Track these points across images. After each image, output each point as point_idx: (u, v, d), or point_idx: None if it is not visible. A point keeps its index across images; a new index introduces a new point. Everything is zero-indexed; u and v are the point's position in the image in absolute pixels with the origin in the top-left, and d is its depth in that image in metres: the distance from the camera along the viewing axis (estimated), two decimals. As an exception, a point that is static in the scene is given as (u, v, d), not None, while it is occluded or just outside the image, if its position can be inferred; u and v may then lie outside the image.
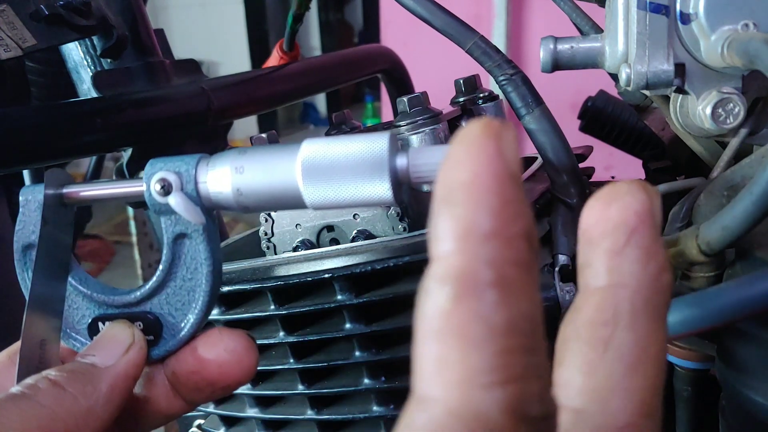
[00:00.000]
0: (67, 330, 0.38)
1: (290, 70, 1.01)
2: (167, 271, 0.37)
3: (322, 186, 0.33)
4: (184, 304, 0.37)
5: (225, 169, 0.34)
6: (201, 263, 0.36)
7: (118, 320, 0.37)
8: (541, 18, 2.65)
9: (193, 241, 0.36)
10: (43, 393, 0.31)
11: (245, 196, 0.34)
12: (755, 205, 0.36)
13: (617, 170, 0.83)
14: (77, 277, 0.38)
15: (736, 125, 0.48)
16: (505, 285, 0.23)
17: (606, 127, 0.84)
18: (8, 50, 0.61)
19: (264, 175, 0.33)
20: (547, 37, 0.53)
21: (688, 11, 0.48)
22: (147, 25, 0.81)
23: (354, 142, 0.32)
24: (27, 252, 0.37)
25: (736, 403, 0.46)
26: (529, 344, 0.23)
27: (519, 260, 0.23)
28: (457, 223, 0.23)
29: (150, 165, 0.35)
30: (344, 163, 0.32)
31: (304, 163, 0.33)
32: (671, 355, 0.57)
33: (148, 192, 0.35)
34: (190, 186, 0.34)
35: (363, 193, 0.32)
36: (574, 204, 0.57)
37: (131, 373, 0.35)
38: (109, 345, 0.35)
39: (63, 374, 0.32)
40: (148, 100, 0.74)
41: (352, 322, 0.52)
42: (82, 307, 0.38)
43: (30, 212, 0.37)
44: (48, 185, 0.36)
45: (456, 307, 0.22)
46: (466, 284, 0.22)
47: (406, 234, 0.54)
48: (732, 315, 0.36)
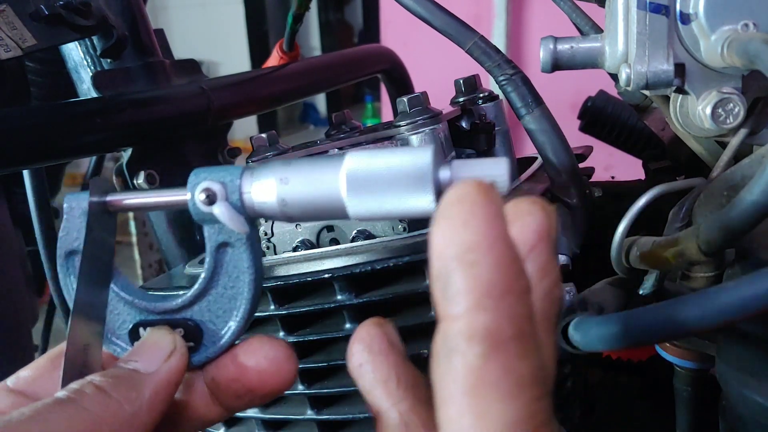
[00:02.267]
0: (109, 335, 0.38)
1: (290, 70, 1.01)
2: (209, 279, 0.37)
3: (365, 198, 0.33)
4: (225, 312, 0.37)
5: (270, 181, 0.34)
6: (243, 272, 0.37)
7: (159, 326, 0.37)
8: (541, 18, 2.65)
9: (236, 249, 0.36)
10: (89, 398, 0.31)
11: (290, 206, 0.34)
12: (755, 205, 0.36)
13: (617, 170, 0.83)
14: (119, 284, 0.38)
15: (736, 125, 0.48)
16: (524, 338, 0.25)
17: (606, 127, 0.84)
18: (8, 50, 0.61)
19: (308, 187, 0.34)
20: (547, 37, 0.53)
21: (688, 11, 0.48)
22: (147, 25, 0.81)
23: (398, 155, 0.33)
24: (70, 258, 0.38)
25: (736, 403, 0.46)
26: (546, 391, 0.25)
27: (530, 313, 0.25)
28: (477, 282, 0.25)
29: (194, 174, 0.35)
30: (388, 175, 0.32)
31: (349, 175, 0.33)
32: (671, 355, 0.57)
33: (192, 201, 0.35)
34: (234, 196, 0.35)
35: (406, 205, 0.33)
36: (574, 204, 0.57)
37: (173, 379, 0.35)
38: (151, 351, 0.35)
39: (108, 380, 0.33)
40: (148, 100, 0.74)
41: (352, 322, 0.52)
42: (123, 313, 0.38)
43: (74, 219, 0.37)
44: (93, 193, 0.37)
45: (488, 364, 0.24)
46: (494, 341, 0.24)
47: (406, 234, 0.54)
48: (732, 315, 0.36)
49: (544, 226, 0.29)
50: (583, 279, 0.55)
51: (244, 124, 2.32)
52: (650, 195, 0.49)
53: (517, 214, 0.29)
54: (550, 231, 0.29)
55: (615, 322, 0.42)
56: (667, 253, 0.44)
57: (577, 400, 0.65)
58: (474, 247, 0.25)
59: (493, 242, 0.25)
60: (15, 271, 0.93)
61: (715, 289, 0.37)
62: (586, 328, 0.45)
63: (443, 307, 0.25)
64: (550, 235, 0.29)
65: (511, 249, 0.26)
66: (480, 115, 0.65)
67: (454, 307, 0.25)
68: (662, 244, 0.45)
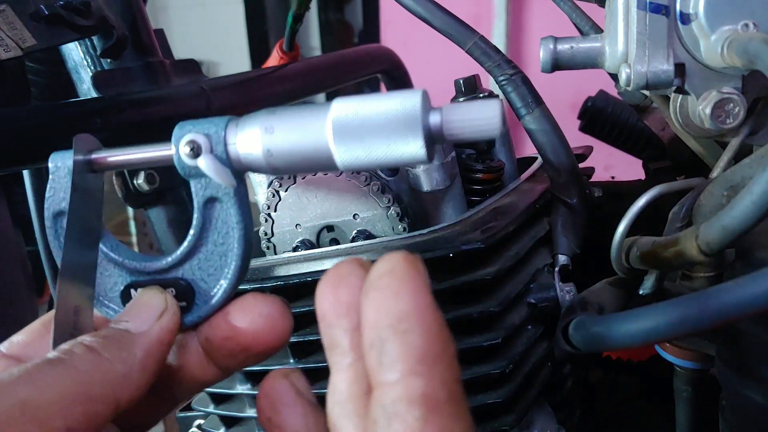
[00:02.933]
0: (100, 297, 0.38)
1: (290, 70, 1.01)
2: (198, 236, 0.36)
3: (353, 145, 0.32)
4: (217, 270, 0.36)
5: (255, 130, 0.33)
6: (233, 227, 0.35)
7: (150, 287, 0.36)
8: (541, 18, 2.65)
9: (224, 204, 0.35)
10: (80, 358, 0.31)
11: (275, 157, 0.33)
12: (755, 205, 0.36)
13: (617, 170, 0.83)
14: (108, 244, 0.37)
15: (736, 125, 0.48)
16: (457, 400, 0.27)
17: (606, 127, 0.84)
18: (8, 50, 0.61)
19: (294, 136, 0.32)
20: (547, 37, 0.53)
21: (688, 11, 0.48)
22: (147, 25, 0.81)
23: (386, 100, 0.32)
24: (57, 219, 0.37)
25: (736, 403, 0.46)
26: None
27: (458, 377, 0.27)
28: (411, 350, 0.26)
29: (178, 128, 0.35)
30: (376, 121, 0.32)
31: (335, 122, 0.32)
32: (671, 355, 0.57)
33: (177, 155, 0.34)
34: (219, 148, 0.34)
35: (395, 151, 0.32)
36: (574, 204, 0.57)
37: (165, 338, 0.34)
38: (143, 311, 0.35)
39: (98, 340, 0.32)
40: (148, 100, 0.74)
41: (352, 322, 0.52)
42: (114, 275, 0.37)
43: (60, 179, 0.36)
44: (77, 151, 0.36)
45: (427, 426, 0.25)
46: (431, 404, 0.26)
47: (406, 234, 0.54)
48: (732, 315, 0.36)
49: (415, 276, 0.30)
50: (583, 279, 0.55)
51: (244, 124, 2.31)
52: (650, 195, 0.49)
53: (341, 277, 0.30)
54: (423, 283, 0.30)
55: (614, 322, 0.42)
56: (667, 253, 0.44)
57: (577, 400, 0.65)
58: (406, 316, 0.27)
59: (423, 311, 0.27)
60: (15, 271, 0.93)
61: (715, 289, 0.37)
62: (586, 328, 0.45)
63: (379, 374, 0.27)
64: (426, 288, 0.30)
65: (439, 317, 0.27)
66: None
67: (390, 374, 0.26)
68: (662, 244, 0.45)
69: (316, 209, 0.58)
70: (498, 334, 0.50)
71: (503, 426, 0.51)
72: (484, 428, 0.52)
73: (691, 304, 0.37)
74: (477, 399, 0.51)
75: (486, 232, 0.49)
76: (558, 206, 0.58)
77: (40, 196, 0.97)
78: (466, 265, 0.50)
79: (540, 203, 0.58)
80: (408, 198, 0.58)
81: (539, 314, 0.54)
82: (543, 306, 0.54)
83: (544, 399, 0.56)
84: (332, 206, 0.57)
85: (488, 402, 0.51)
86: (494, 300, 0.50)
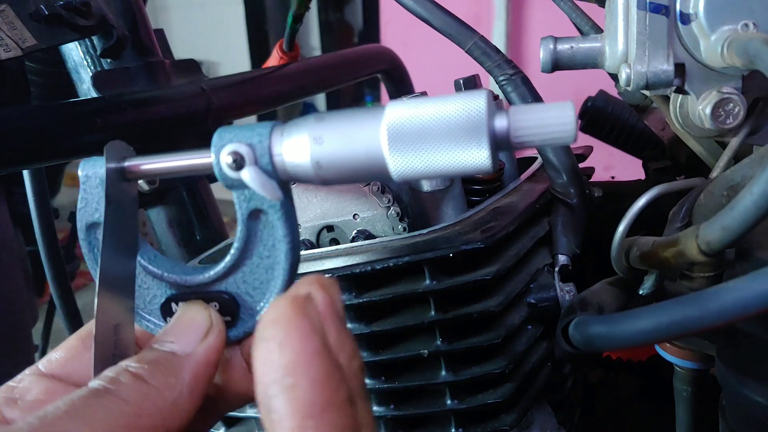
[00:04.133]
0: (139, 310, 0.36)
1: (290, 70, 1.01)
2: (243, 249, 0.34)
3: (410, 155, 0.29)
4: (263, 283, 0.34)
5: (303, 139, 0.30)
6: (279, 240, 0.33)
7: (193, 301, 0.34)
8: (541, 18, 2.65)
9: (269, 217, 0.33)
10: (127, 388, 0.29)
11: (325, 168, 0.30)
12: (755, 205, 0.36)
13: (617, 170, 0.83)
14: (146, 256, 0.35)
15: (736, 125, 0.48)
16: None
17: (606, 127, 0.84)
18: (8, 50, 0.61)
19: (345, 145, 0.30)
20: (547, 37, 0.53)
21: (688, 11, 0.48)
22: (147, 25, 0.81)
23: (446, 103, 0.29)
24: (91, 231, 0.35)
25: (736, 403, 0.46)
26: None
27: (353, 422, 0.27)
28: (297, 405, 0.26)
29: (218, 135, 0.32)
30: (435, 126, 0.29)
31: (390, 129, 0.29)
32: (671, 355, 0.57)
33: (218, 166, 0.32)
34: (264, 159, 0.31)
35: (457, 160, 0.29)
36: (574, 204, 0.57)
37: (212, 359, 0.33)
38: (187, 330, 0.33)
39: (144, 366, 0.30)
40: (148, 100, 0.74)
41: (353, 322, 0.52)
42: (153, 287, 0.35)
43: (91, 189, 0.34)
44: (109, 159, 0.33)
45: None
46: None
47: (406, 234, 0.54)
48: (732, 315, 0.36)
49: (327, 303, 0.29)
50: (583, 279, 0.55)
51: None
52: (650, 195, 0.49)
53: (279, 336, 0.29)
54: (334, 306, 0.29)
55: (614, 322, 0.42)
56: (667, 253, 0.44)
57: (577, 400, 0.65)
58: (291, 368, 0.26)
59: (309, 360, 0.26)
60: (15, 271, 0.93)
61: (715, 289, 0.37)
62: (586, 328, 0.45)
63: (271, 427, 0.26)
64: (335, 310, 0.29)
65: (328, 361, 0.27)
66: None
67: (279, 427, 0.26)
68: (662, 244, 0.45)
69: (316, 209, 0.58)
70: (498, 334, 0.50)
71: (503, 426, 0.51)
72: (484, 428, 0.52)
73: (691, 304, 0.37)
74: (477, 399, 0.51)
75: (486, 232, 0.49)
76: (558, 206, 0.58)
77: (40, 196, 0.97)
78: (466, 265, 0.50)
79: (540, 203, 0.58)
80: (408, 198, 0.58)
81: (539, 314, 0.54)
82: (543, 306, 0.54)
83: (544, 399, 0.56)
84: (332, 206, 0.57)
85: (488, 402, 0.51)
86: (494, 300, 0.50)
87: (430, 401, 0.53)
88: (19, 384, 0.33)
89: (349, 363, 0.29)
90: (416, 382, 0.52)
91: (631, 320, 0.40)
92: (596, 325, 0.44)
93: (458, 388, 0.52)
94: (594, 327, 0.44)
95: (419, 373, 0.52)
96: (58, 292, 1.01)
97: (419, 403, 0.53)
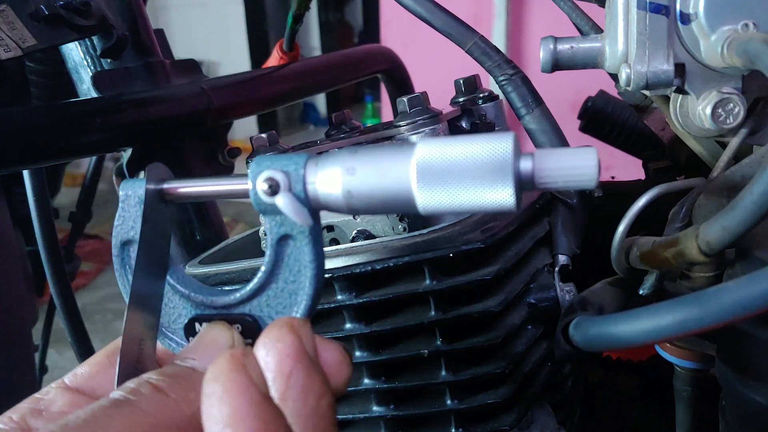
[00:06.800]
0: (163, 329, 0.37)
1: (290, 70, 1.01)
2: (270, 273, 0.35)
3: (437, 190, 0.31)
4: (285, 308, 0.35)
5: (335, 170, 0.32)
6: (305, 266, 0.35)
7: (216, 322, 0.36)
8: (541, 18, 2.65)
9: (297, 242, 0.35)
10: (146, 399, 0.30)
11: (356, 198, 0.32)
12: (755, 205, 0.36)
13: (617, 170, 0.83)
14: (175, 276, 0.37)
15: (736, 125, 0.48)
16: None
17: (606, 127, 0.84)
18: (8, 50, 0.61)
19: (376, 177, 0.31)
20: (547, 37, 0.53)
21: (688, 11, 0.48)
22: (147, 25, 0.81)
23: (474, 144, 0.30)
24: (125, 248, 0.36)
25: (736, 403, 0.46)
26: None
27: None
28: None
29: (256, 163, 0.33)
30: (463, 165, 0.30)
31: (420, 165, 0.31)
32: (671, 355, 0.57)
33: (254, 191, 0.33)
34: (298, 186, 0.33)
35: (482, 198, 0.30)
36: (574, 204, 0.57)
37: None
38: (209, 348, 0.34)
39: (165, 379, 0.31)
40: (148, 100, 0.74)
41: (352, 322, 0.52)
42: (179, 307, 0.37)
43: (130, 207, 0.35)
44: (149, 180, 0.35)
45: None
46: None
47: (406, 234, 0.54)
48: (732, 315, 0.36)
49: (296, 347, 0.30)
50: (583, 279, 0.55)
51: (244, 124, 2.33)
52: (650, 195, 0.49)
53: (268, 345, 0.30)
54: (302, 348, 0.30)
55: (615, 322, 0.42)
56: (667, 253, 0.44)
57: (577, 400, 0.65)
58: (229, 421, 0.27)
59: (246, 412, 0.27)
60: (15, 271, 0.93)
61: (715, 289, 0.37)
62: (586, 328, 0.45)
63: None
64: (304, 354, 0.30)
65: (265, 413, 0.27)
66: (480, 115, 0.65)
67: None
68: (662, 244, 0.45)
69: (316, 209, 0.58)
70: (498, 334, 0.50)
71: (503, 426, 0.51)
72: (484, 428, 0.52)
73: (691, 304, 0.37)
74: (477, 399, 0.51)
75: (486, 232, 0.49)
76: (558, 206, 0.58)
77: (40, 196, 0.97)
78: (466, 265, 0.50)
79: (540, 203, 0.58)
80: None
81: (539, 314, 0.54)
82: (543, 306, 0.54)
83: (544, 399, 0.56)
84: (332, 206, 0.57)
85: (488, 402, 0.51)
86: (494, 300, 0.50)
87: (430, 401, 0.53)
88: (45, 396, 0.34)
89: (317, 403, 0.29)
90: (416, 382, 0.52)
91: (631, 320, 0.40)
92: (596, 325, 0.44)
93: (458, 388, 0.52)
94: (594, 327, 0.44)
95: (419, 373, 0.52)
96: (58, 292, 1.01)
97: (419, 403, 0.53)
